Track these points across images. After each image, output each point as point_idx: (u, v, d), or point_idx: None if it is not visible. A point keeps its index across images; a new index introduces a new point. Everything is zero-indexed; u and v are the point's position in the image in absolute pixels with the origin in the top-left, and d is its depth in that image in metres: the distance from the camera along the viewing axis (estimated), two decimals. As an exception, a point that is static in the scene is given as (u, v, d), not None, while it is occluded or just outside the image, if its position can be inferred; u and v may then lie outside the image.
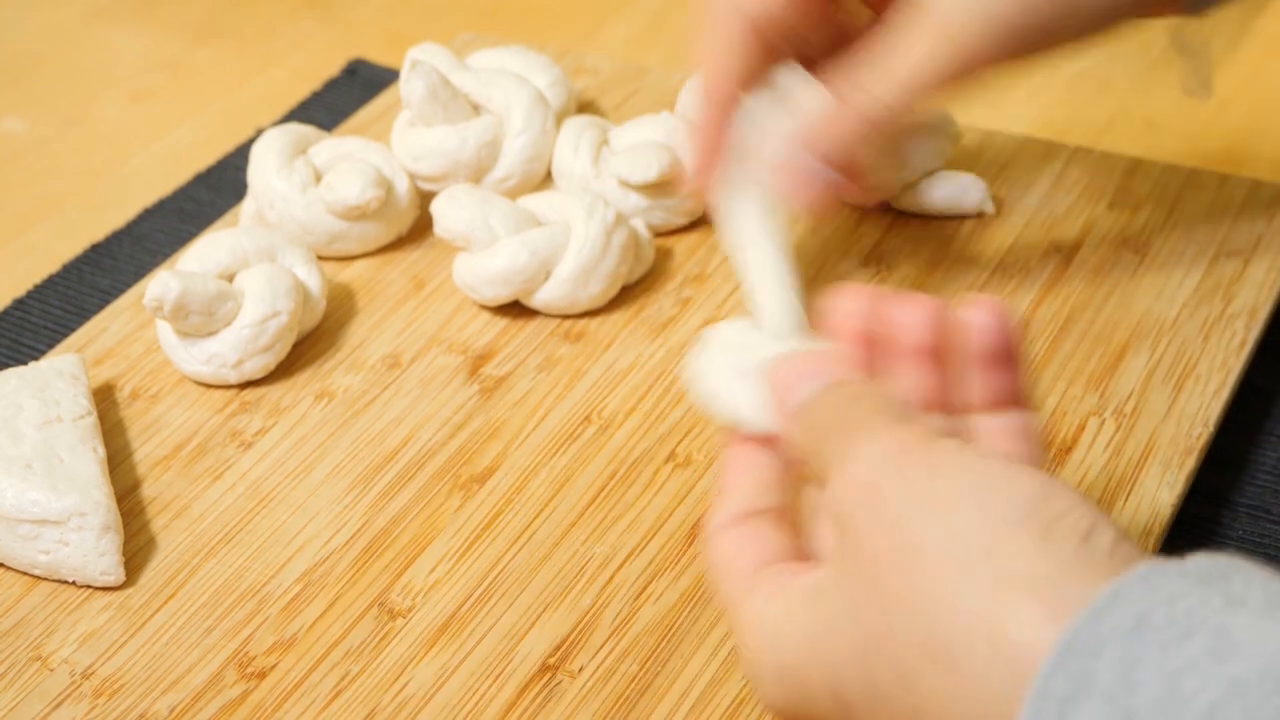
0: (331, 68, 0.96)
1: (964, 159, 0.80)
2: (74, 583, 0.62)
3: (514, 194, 0.78)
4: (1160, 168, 0.80)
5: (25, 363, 0.71)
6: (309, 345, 0.73)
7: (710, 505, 0.52)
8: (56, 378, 0.67)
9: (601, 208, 0.73)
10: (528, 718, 0.57)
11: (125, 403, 0.71)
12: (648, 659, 0.58)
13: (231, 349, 0.70)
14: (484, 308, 0.75)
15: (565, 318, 0.74)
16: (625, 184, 0.77)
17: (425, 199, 0.79)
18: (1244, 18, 0.94)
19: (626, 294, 0.75)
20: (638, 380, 0.70)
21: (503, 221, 0.73)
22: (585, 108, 0.87)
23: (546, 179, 0.80)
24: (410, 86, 0.78)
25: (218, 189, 0.86)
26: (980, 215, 0.78)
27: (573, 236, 0.73)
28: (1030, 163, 0.81)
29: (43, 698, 0.58)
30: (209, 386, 0.71)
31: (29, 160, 0.92)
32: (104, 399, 0.71)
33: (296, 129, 0.79)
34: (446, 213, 0.74)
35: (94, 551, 0.62)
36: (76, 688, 0.59)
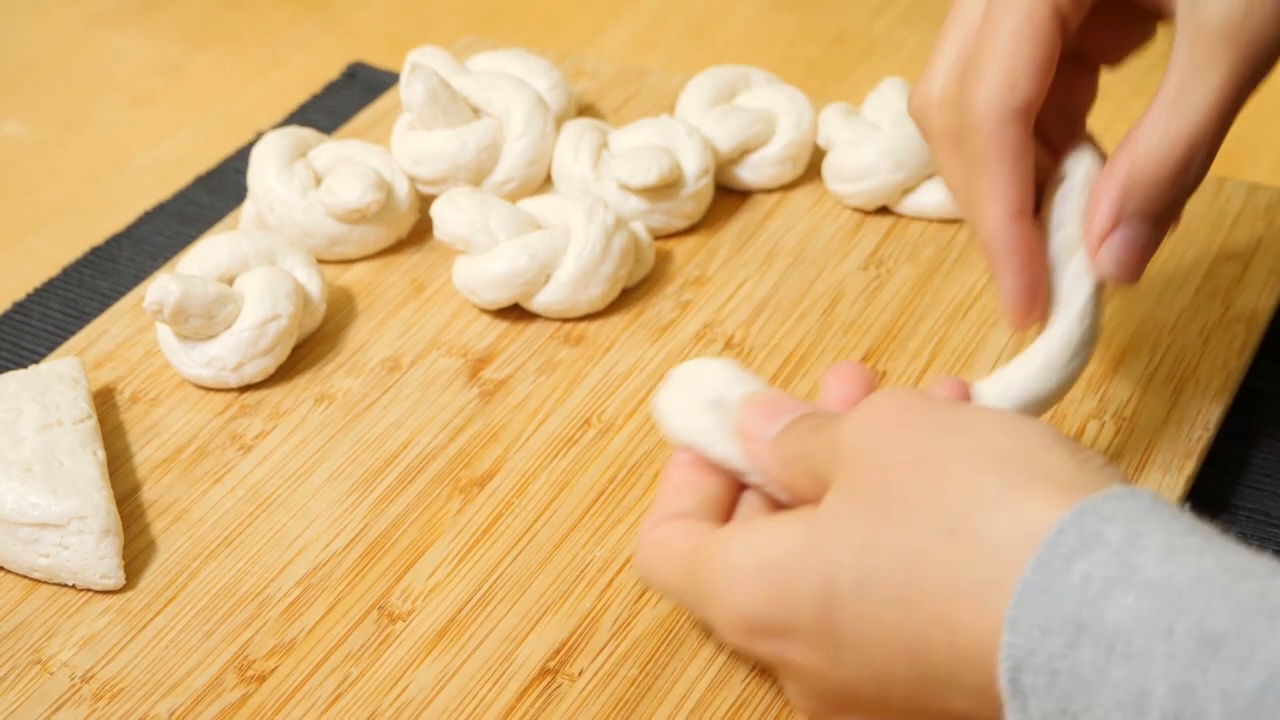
0: (331, 71, 0.96)
1: (964, 162, 0.80)
2: (74, 586, 0.62)
3: (514, 197, 0.78)
4: (1160, 171, 0.80)
5: (25, 366, 0.71)
6: (309, 348, 0.73)
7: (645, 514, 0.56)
8: (56, 381, 0.67)
9: (601, 211, 0.73)
10: (528, 721, 0.57)
11: (125, 406, 0.71)
12: (648, 662, 0.58)
13: (231, 352, 0.70)
14: (484, 311, 0.75)
15: (565, 321, 0.74)
16: (625, 187, 0.77)
17: (425, 202, 0.79)
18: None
19: (626, 297, 0.75)
20: (637, 383, 0.70)
21: (503, 225, 0.73)
22: (585, 111, 0.87)
23: (546, 182, 0.80)
24: (410, 90, 0.78)
25: (218, 192, 0.86)
26: (980, 218, 0.78)
27: (572, 240, 0.73)
28: (1030, 166, 0.81)
29: (43, 701, 0.58)
30: (209, 390, 0.71)
31: (29, 164, 0.92)
32: (104, 402, 0.71)
33: (296, 132, 0.79)
34: (446, 216, 0.74)
35: (94, 555, 0.62)
36: (76, 691, 0.59)
